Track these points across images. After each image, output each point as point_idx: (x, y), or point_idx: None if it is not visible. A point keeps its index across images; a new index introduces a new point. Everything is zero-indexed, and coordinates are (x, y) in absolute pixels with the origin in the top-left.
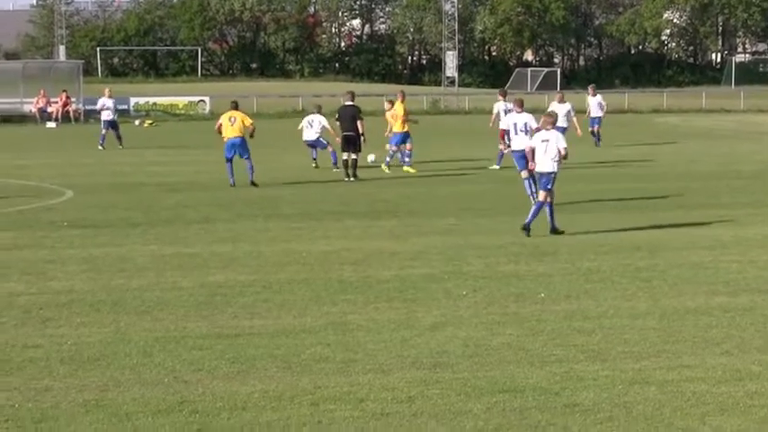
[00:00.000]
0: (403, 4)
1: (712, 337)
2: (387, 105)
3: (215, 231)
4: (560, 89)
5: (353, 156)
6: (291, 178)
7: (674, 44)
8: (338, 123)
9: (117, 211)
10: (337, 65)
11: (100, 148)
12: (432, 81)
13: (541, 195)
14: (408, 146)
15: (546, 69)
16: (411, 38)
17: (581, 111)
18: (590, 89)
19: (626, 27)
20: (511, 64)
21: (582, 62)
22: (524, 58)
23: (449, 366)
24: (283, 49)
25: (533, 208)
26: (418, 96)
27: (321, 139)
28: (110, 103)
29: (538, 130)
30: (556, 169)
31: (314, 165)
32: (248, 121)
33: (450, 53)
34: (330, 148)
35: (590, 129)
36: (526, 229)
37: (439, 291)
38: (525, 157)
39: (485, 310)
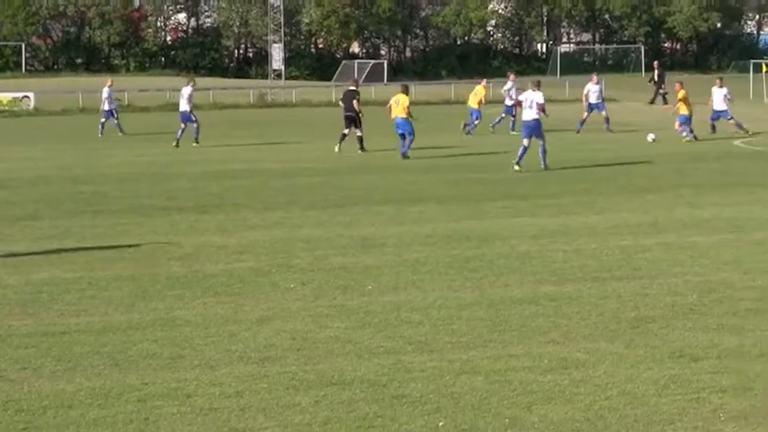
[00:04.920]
0: None
1: (539, 327)
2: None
3: (41, 228)
4: (387, 81)
5: (357, 132)
6: (118, 174)
7: (499, 35)
8: (341, 104)
9: None
10: (163, 59)
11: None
12: (259, 74)
13: None
14: None
15: (373, 61)
16: (237, 31)
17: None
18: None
19: (452, 18)
20: (338, 56)
21: (408, 53)
22: (351, 50)
23: (276, 360)
24: (108, 43)
25: None
26: (245, 90)
27: (191, 113)
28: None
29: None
30: None
31: (174, 143)
32: (407, 103)
33: (276, 46)
34: (195, 124)
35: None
36: None
37: (266, 284)
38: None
39: (312, 303)
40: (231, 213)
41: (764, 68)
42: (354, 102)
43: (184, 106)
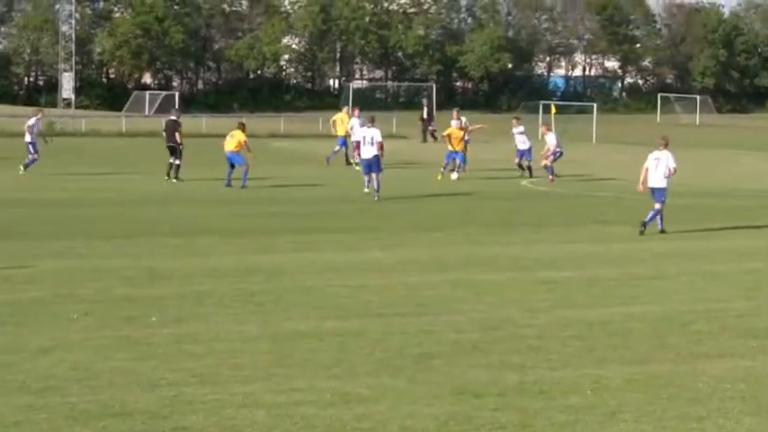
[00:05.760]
0: (20, 24)
1: (322, 361)
2: None
3: None
4: (182, 113)
5: (176, 161)
6: None
7: (292, 69)
8: (164, 134)
9: None
10: None
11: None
12: (49, 103)
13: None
14: None
15: (164, 93)
16: (28, 59)
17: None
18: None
19: (245, 52)
20: (129, 86)
21: (201, 86)
22: (143, 80)
23: (57, 390)
24: None
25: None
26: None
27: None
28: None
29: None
30: (665, 185)
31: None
32: (242, 139)
33: (66, 75)
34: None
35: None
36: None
37: (49, 315)
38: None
39: (95, 334)
40: (15, 242)
41: (554, 110)
42: (176, 134)
43: (29, 137)
